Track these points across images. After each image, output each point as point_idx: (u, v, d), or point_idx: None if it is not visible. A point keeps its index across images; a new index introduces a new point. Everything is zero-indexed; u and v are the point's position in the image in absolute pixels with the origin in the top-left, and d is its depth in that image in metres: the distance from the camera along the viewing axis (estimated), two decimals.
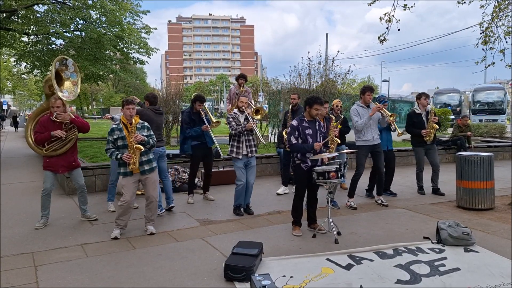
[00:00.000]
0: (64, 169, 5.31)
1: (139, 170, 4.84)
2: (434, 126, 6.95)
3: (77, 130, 5.28)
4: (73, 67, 5.50)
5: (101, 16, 13.15)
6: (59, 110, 5.11)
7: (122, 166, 4.86)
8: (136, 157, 4.78)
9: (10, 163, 11.21)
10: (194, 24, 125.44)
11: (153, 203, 5.02)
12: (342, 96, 12.75)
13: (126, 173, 4.83)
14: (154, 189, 5.01)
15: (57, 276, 3.75)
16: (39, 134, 5.13)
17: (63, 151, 5.21)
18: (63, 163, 5.26)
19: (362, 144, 6.20)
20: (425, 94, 7.27)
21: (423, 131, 6.98)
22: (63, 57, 5.56)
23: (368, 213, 5.97)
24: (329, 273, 3.77)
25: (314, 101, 4.87)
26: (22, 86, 37.50)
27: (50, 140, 5.12)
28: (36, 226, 5.19)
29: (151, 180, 4.98)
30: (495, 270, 3.84)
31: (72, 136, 5.25)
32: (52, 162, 5.22)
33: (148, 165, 4.93)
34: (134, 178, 4.87)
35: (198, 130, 6.32)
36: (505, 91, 26.92)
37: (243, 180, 5.75)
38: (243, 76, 8.16)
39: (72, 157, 5.36)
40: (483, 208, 6.09)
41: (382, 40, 7.89)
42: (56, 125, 5.12)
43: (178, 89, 13.82)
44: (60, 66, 5.37)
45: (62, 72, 5.39)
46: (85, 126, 5.33)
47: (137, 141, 4.72)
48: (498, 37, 7.32)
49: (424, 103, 7.10)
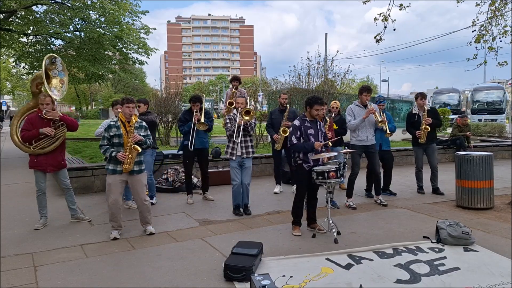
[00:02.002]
0: (52, 168, 5.23)
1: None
2: (425, 128, 6.93)
3: (65, 128, 5.22)
4: (61, 66, 5.44)
5: (100, 16, 13.14)
6: (48, 107, 5.07)
7: (111, 163, 4.78)
8: (132, 157, 4.75)
9: (9, 164, 11.19)
10: (193, 25, 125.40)
11: (143, 206, 4.95)
12: (342, 96, 12.76)
13: (116, 171, 4.76)
14: (142, 192, 4.92)
15: (57, 276, 3.75)
16: (26, 131, 5.08)
17: (51, 149, 5.14)
18: (51, 162, 5.19)
19: (356, 143, 6.24)
20: (421, 94, 7.25)
21: (417, 132, 7.05)
22: (52, 55, 5.51)
23: (367, 213, 5.97)
24: (329, 272, 3.77)
25: (315, 102, 4.87)
26: (21, 87, 37.48)
27: (38, 137, 5.08)
28: (36, 227, 5.19)
29: (138, 182, 4.89)
30: (494, 269, 3.85)
31: (61, 134, 5.18)
32: (40, 161, 5.16)
33: (138, 166, 4.87)
34: (122, 177, 4.81)
35: (190, 125, 6.41)
36: (504, 91, 26.93)
37: (237, 180, 5.79)
38: (236, 79, 8.17)
39: (61, 156, 5.29)
40: (483, 207, 6.09)
41: (378, 40, 7.90)
42: (45, 122, 5.07)
43: (177, 90, 13.82)
44: (49, 64, 5.33)
45: (50, 71, 5.34)
46: (74, 124, 5.30)
47: (135, 141, 4.71)
48: (492, 35, 7.32)
49: (420, 103, 7.10)
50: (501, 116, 25.18)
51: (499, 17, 7.22)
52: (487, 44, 7.46)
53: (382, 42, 7.91)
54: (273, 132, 7.12)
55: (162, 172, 7.79)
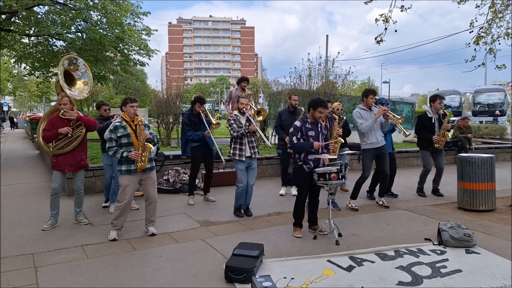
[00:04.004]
0: (71, 168, 5.25)
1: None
2: (446, 135, 6.74)
3: (84, 128, 5.24)
4: (84, 67, 5.51)
5: (102, 17, 13.17)
6: (66, 107, 5.13)
7: (124, 163, 4.77)
8: (146, 155, 4.76)
9: (10, 164, 11.21)
10: (194, 26, 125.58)
11: (153, 204, 5.00)
12: (343, 97, 12.75)
13: (130, 170, 4.76)
14: (154, 189, 4.99)
15: (58, 277, 3.74)
16: (47, 131, 5.14)
17: (69, 149, 5.17)
18: (71, 161, 5.21)
19: (367, 147, 6.14)
20: (439, 97, 6.90)
21: (435, 138, 6.82)
22: (72, 57, 5.55)
23: (369, 215, 5.96)
24: (330, 274, 3.76)
25: (319, 104, 4.85)
26: (23, 88, 37.53)
27: (57, 137, 5.11)
28: (43, 228, 5.18)
29: (151, 179, 4.95)
30: (496, 271, 3.83)
31: (78, 134, 5.21)
32: (59, 161, 5.19)
33: (150, 163, 4.91)
34: (137, 176, 4.84)
35: (200, 135, 6.32)
36: (505, 93, 26.92)
37: (244, 183, 5.73)
38: (246, 79, 8.12)
39: (80, 156, 5.30)
40: (484, 209, 6.07)
41: (379, 41, 7.89)
42: (64, 122, 5.12)
43: (178, 91, 13.84)
44: (69, 65, 5.36)
45: (73, 72, 5.39)
46: (91, 124, 5.31)
47: (146, 138, 4.74)
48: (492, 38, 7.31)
49: (438, 107, 6.82)
50: (502, 118, 25.17)
51: (500, 19, 7.22)
52: (487, 46, 7.45)
53: (383, 43, 7.92)
54: (284, 134, 6.89)
55: (163, 173, 7.78)
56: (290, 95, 7.42)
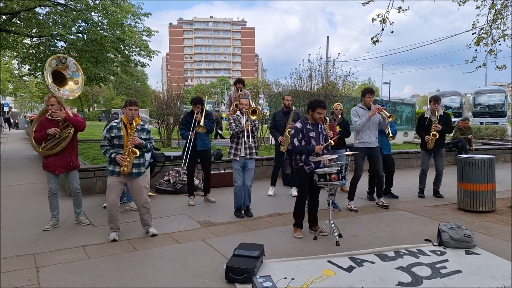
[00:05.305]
0: (61, 169, 5.22)
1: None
2: (434, 135, 6.88)
3: (72, 129, 5.17)
4: (74, 66, 5.42)
5: (103, 18, 13.19)
6: (54, 107, 5.08)
7: (111, 163, 4.79)
8: (130, 160, 4.73)
9: (11, 165, 11.23)
10: (195, 27, 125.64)
11: (142, 209, 4.94)
12: (343, 98, 12.76)
13: (114, 171, 4.77)
14: (140, 195, 4.90)
15: (59, 277, 3.75)
16: (38, 133, 5.13)
17: (58, 149, 5.13)
18: (60, 163, 5.18)
19: (359, 145, 6.22)
20: (434, 98, 7.07)
21: (426, 137, 7.01)
22: (61, 56, 5.48)
23: (369, 215, 5.97)
24: (331, 275, 3.77)
25: (317, 105, 4.88)
26: (23, 88, 37.60)
27: (46, 138, 5.09)
28: (45, 228, 5.19)
29: (137, 185, 4.87)
30: (496, 272, 3.84)
31: (66, 134, 5.15)
32: (49, 162, 5.17)
33: (137, 168, 4.84)
34: (121, 179, 4.81)
35: (186, 136, 6.52)
36: (506, 94, 26.89)
37: (239, 182, 5.78)
38: (240, 81, 8.17)
39: (70, 157, 5.25)
40: (484, 210, 6.08)
41: (375, 42, 7.91)
42: (54, 123, 5.09)
43: (179, 91, 13.85)
44: (57, 65, 5.31)
45: (64, 71, 5.34)
46: (80, 124, 5.23)
47: (134, 144, 4.71)
48: (492, 38, 7.32)
49: (432, 107, 6.98)
50: (503, 119, 25.15)
51: (500, 20, 7.23)
52: (487, 47, 7.46)
53: (383, 44, 8.00)
54: (278, 134, 7.05)
55: (164, 173, 7.80)
56: (284, 96, 7.45)
